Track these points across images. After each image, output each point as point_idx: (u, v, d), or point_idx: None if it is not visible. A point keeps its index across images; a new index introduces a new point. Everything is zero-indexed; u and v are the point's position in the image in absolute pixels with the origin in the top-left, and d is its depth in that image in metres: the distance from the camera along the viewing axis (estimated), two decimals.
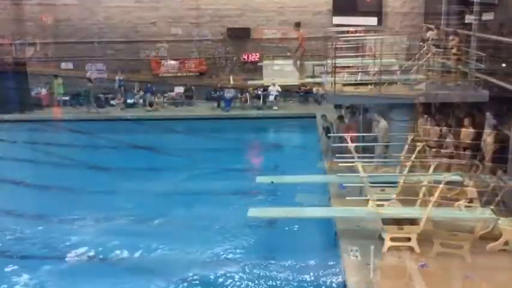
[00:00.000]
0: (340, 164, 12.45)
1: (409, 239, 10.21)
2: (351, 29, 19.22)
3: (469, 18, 16.30)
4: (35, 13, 25.57)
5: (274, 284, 10.51)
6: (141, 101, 25.05)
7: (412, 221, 10.40)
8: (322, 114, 16.74)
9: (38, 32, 25.72)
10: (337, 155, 12.87)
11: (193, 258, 11.49)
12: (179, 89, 25.61)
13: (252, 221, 12.21)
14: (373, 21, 22.15)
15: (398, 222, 10.39)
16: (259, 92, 24.51)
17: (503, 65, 14.71)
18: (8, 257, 11.84)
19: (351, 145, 12.48)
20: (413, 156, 12.29)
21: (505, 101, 14.04)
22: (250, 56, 25.35)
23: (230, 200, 14.55)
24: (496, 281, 9.32)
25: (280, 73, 22.97)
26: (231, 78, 25.20)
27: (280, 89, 24.36)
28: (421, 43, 16.23)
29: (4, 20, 25.75)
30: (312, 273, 10.74)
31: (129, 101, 25.11)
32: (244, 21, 25.07)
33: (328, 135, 15.96)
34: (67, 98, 25.47)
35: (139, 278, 10.76)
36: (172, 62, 25.68)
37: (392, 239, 10.23)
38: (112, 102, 25.10)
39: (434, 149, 14.16)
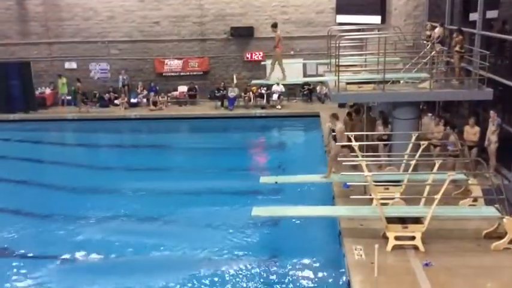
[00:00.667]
0: (344, 163, 12.46)
1: (413, 238, 10.21)
2: (354, 27, 19.17)
3: (473, 16, 16.25)
4: (39, 13, 25.64)
5: (278, 282, 10.53)
6: (144, 100, 25.10)
7: (417, 220, 10.39)
8: (333, 113, 15.29)
9: (41, 32, 25.80)
10: (340, 154, 12.87)
11: (197, 257, 11.52)
12: (183, 88, 25.65)
13: (256, 219, 12.22)
14: (376, 19, 22.07)
15: (403, 221, 10.38)
16: (263, 91, 24.52)
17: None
18: (13, 255, 11.91)
19: (355, 144, 12.46)
20: (418, 155, 12.27)
21: (509, 98, 14.01)
22: (253, 54, 25.33)
23: (234, 198, 14.58)
24: (500, 279, 9.30)
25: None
26: (234, 77, 25.20)
27: (283, 88, 24.36)
28: (425, 41, 16.17)
29: (8, 20, 25.86)
30: (316, 272, 10.75)
31: (132, 100, 25.17)
32: (248, 20, 25.06)
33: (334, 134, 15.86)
34: (70, 97, 25.54)
35: (143, 276, 10.77)
36: (176, 61, 25.73)
37: (397, 238, 10.23)
38: (116, 101, 25.15)
39: (438, 148, 14.14)
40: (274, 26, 15.73)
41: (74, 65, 26.04)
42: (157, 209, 14.09)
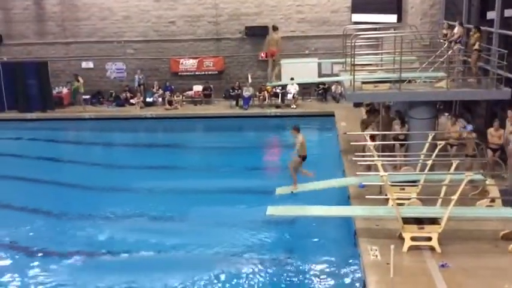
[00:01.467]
0: (359, 163, 12.40)
1: (429, 239, 10.13)
2: (370, 26, 19.07)
3: (490, 15, 16.06)
4: (56, 13, 25.92)
5: (293, 282, 10.51)
6: (160, 99, 25.24)
7: (433, 221, 10.31)
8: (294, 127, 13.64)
9: (58, 32, 26.08)
10: (356, 154, 12.82)
11: (211, 256, 11.54)
12: (198, 88, 25.75)
13: (270, 219, 12.22)
14: (392, 18, 21.91)
15: (419, 221, 10.30)
16: (278, 91, 24.50)
17: None
18: (30, 252, 12.05)
19: (370, 144, 12.40)
20: (434, 155, 12.16)
21: None
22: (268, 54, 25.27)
23: (249, 197, 14.58)
24: None
25: (299, 71, 22.97)
26: (249, 76, 25.22)
27: (298, 88, 24.32)
28: (442, 40, 16.02)
29: (26, 20, 26.17)
30: (331, 272, 10.71)
31: (148, 99, 25.34)
32: (263, 20, 25.04)
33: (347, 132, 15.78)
34: (87, 96, 25.81)
35: (157, 275, 10.82)
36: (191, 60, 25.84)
37: (413, 239, 10.16)
38: (132, 101, 25.34)
39: (455, 147, 14.00)
40: (275, 28, 15.76)
41: (90, 65, 26.30)
42: (172, 207, 14.15)
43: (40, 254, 11.94)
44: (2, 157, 19.64)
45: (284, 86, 24.24)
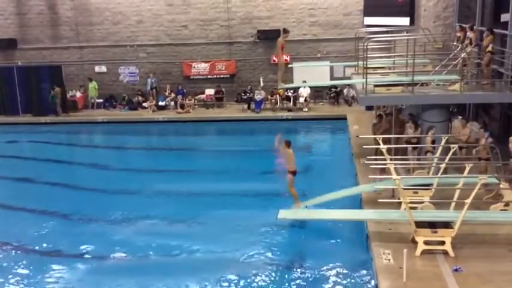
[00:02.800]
0: (371, 166, 12.34)
1: (443, 243, 10.04)
2: (383, 29, 18.99)
3: (504, 17, 15.91)
4: (70, 17, 26.18)
5: (304, 286, 10.46)
6: (172, 103, 25.36)
7: (447, 224, 10.22)
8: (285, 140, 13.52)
9: (72, 36, 26.34)
10: (368, 157, 12.75)
11: (223, 259, 11.53)
12: (210, 91, 25.83)
13: (282, 222, 12.19)
14: (405, 21, 21.82)
15: (432, 225, 10.22)
16: (290, 94, 24.50)
17: None
18: (42, 254, 12.14)
19: (383, 147, 12.32)
20: (447, 158, 12.07)
21: None
22: None
23: (261, 201, 14.58)
24: None
25: (311, 74, 22.97)
26: (261, 80, 25.25)
27: (310, 91, 24.30)
28: (454, 43, 15.92)
29: (40, 25, 26.47)
30: (343, 277, 10.65)
31: (160, 103, 25.48)
32: (275, 23, 25.06)
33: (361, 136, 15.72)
34: (101, 100, 26.04)
35: (168, 278, 10.84)
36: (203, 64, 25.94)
37: (426, 243, 10.08)
38: (144, 104, 25.50)
39: (464, 150, 13.86)
40: (285, 31, 15.54)
41: (103, 69, 26.53)
42: (184, 210, 14.16)
43: (52, 257, 11.99)
44: (17, 160, 19.89)
45: (296, 89, 24.25)
